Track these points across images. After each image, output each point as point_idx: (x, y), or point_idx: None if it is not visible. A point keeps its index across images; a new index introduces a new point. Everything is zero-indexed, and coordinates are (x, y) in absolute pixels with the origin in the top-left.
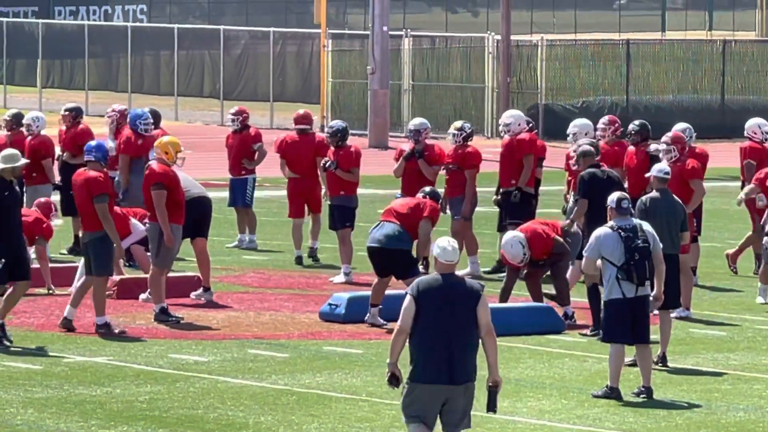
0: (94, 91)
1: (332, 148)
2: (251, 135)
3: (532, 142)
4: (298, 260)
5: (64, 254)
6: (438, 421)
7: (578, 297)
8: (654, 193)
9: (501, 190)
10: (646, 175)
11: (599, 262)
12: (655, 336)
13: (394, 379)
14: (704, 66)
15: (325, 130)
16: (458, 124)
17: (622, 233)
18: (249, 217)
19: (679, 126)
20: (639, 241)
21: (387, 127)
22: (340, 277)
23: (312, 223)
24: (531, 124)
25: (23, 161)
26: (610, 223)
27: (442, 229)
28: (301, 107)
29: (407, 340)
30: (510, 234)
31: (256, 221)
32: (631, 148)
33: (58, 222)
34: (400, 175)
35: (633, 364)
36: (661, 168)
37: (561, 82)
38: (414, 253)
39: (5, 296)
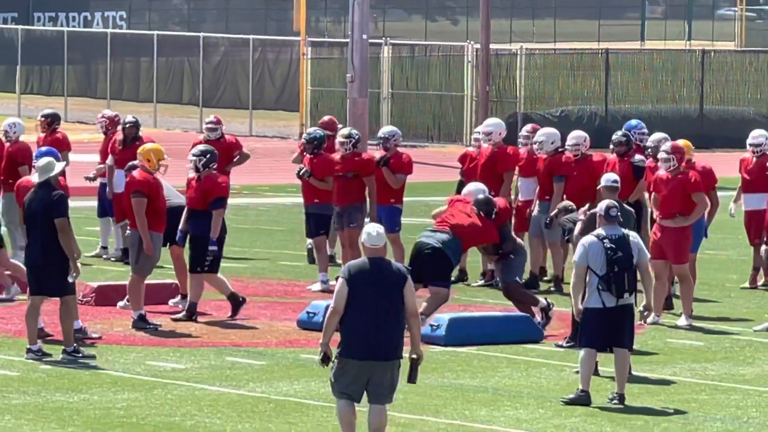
0: (73, 98)
1: (307, 156)
2: (231, 142)
3: (515, 156)
4: (310, 253)
5: None
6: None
7: (563, 308)
8: None
9: None
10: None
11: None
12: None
13: (326, 359)
14: (683, 76)
15: (302, 137)
16: (345, 131)
17: (606, 243)
18: None
19: (656, 135)
20: (621, 253)
21: (366, 136)
22: (317, 285)
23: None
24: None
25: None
26: (597, 231)
27: None
28: (280, 115)
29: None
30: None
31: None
32: (612, 157)
33: None
34: None
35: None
36: (608, 177)
37: (540, 91)
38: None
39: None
